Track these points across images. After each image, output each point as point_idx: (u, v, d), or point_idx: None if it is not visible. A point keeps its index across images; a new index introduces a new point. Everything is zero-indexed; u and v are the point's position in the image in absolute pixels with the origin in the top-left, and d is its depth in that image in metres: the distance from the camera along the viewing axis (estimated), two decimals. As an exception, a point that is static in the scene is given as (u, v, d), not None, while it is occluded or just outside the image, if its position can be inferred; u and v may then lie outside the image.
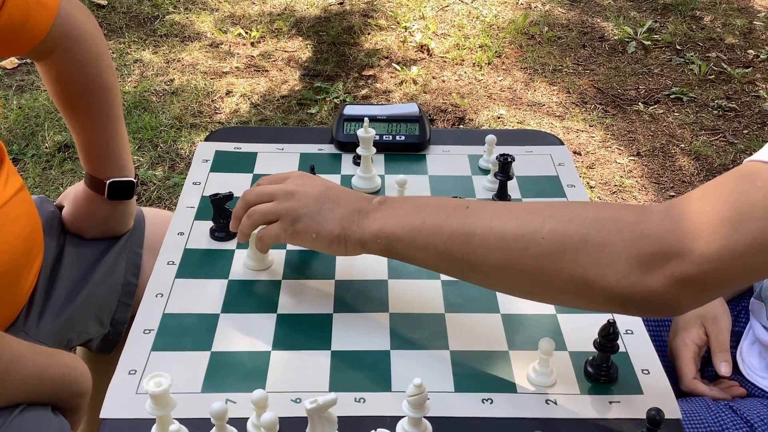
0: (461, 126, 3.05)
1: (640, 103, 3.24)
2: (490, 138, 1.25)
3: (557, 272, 0.75)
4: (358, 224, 0.88)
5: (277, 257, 1.05)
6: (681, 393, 1.14)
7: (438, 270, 0.87)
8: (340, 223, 0.88)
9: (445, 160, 1.30)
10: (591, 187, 2.72)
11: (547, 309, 0.97)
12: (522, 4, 4.11)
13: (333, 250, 0.90)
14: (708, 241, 0.69)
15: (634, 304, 0.74)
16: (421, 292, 1.00)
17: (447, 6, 4.06)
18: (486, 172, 1.25)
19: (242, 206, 0.95)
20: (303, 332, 0.94)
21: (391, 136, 1.30)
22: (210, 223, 1.10)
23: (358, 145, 1.19)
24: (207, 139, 1.34)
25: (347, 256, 0.91)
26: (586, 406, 0.84)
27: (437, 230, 0.82)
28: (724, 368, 1.14)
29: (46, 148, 2.80)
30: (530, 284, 0.79)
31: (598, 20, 3.96)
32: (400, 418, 0.79)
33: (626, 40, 3.74)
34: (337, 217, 0.88)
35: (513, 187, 1.20)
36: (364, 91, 3.26)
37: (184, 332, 0.93)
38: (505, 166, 1.12)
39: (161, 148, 2.84)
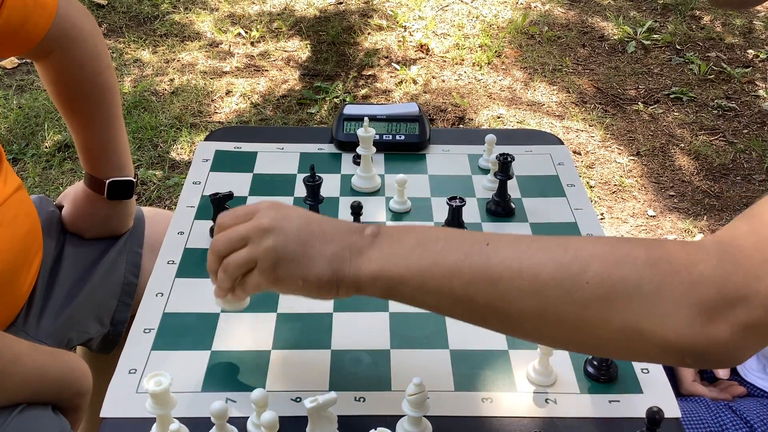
0: (461, 126, 3.05)
1: (639, 103, 3.24)
2: (490, 137, 1.25)
3: (605, 322, 0.65)
4: (351, 264, 0.73)
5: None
6: (680, 396, 1.14)
7: (451, 315, 0.75)
8: (330, 264, 0.74)
9: (445, 159, 1.30)
10: (591, 187, 2.72)
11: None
12: (522, 3, 4.11)
13: (323, 295, 0.76)
14: None
15: (692, 356, 0.65)
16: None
17: (447, 6, 4.06)
18: (486, 171, 1.25)
19: (213, 259, 0.79)
20: (303, 331, 0.94)
21: (391, 136, 1.30)
22: (210, 223, 1.10)
23: (358, 145, 1.20)
24: (207, 139, 1.34)
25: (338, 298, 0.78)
26: (585, 406, 0.84)
27: (454, 273, 0.70)
28: (721, 371, 1.14)
29: (46, 147, 2.80)
30: (568, 334, 0.69)
31: (598, 20, 3.96)
32: (400, 417, 0.79)
33: (626, 39, 3.74)
34: (326, 256, 0.74)
35: (513, 187, 1.20)
36: (363, 91, 3.26)
37: (184, 331, 0.93)
38: (504, 166, 1.12)
39: (161, 147, 2.84)
